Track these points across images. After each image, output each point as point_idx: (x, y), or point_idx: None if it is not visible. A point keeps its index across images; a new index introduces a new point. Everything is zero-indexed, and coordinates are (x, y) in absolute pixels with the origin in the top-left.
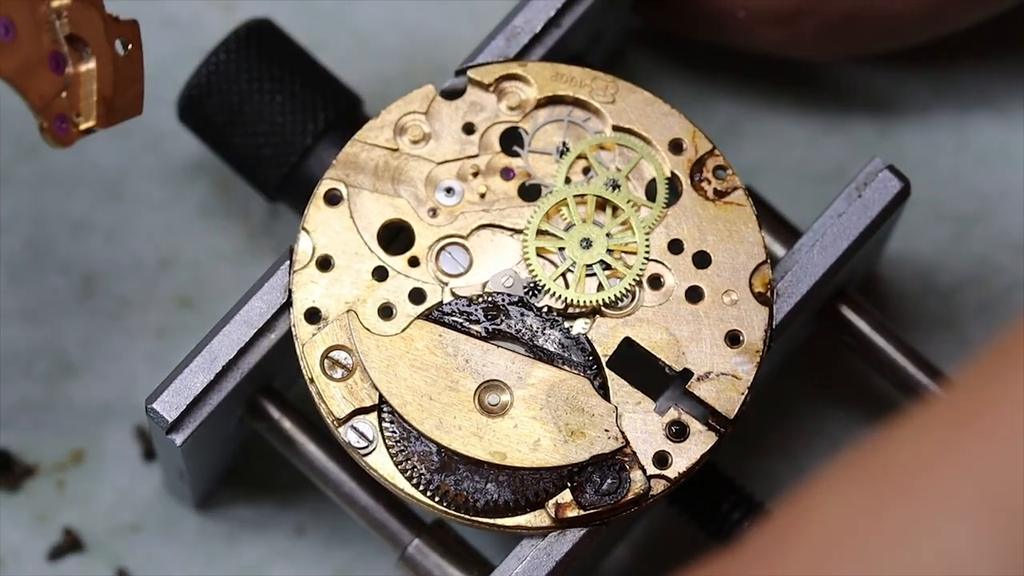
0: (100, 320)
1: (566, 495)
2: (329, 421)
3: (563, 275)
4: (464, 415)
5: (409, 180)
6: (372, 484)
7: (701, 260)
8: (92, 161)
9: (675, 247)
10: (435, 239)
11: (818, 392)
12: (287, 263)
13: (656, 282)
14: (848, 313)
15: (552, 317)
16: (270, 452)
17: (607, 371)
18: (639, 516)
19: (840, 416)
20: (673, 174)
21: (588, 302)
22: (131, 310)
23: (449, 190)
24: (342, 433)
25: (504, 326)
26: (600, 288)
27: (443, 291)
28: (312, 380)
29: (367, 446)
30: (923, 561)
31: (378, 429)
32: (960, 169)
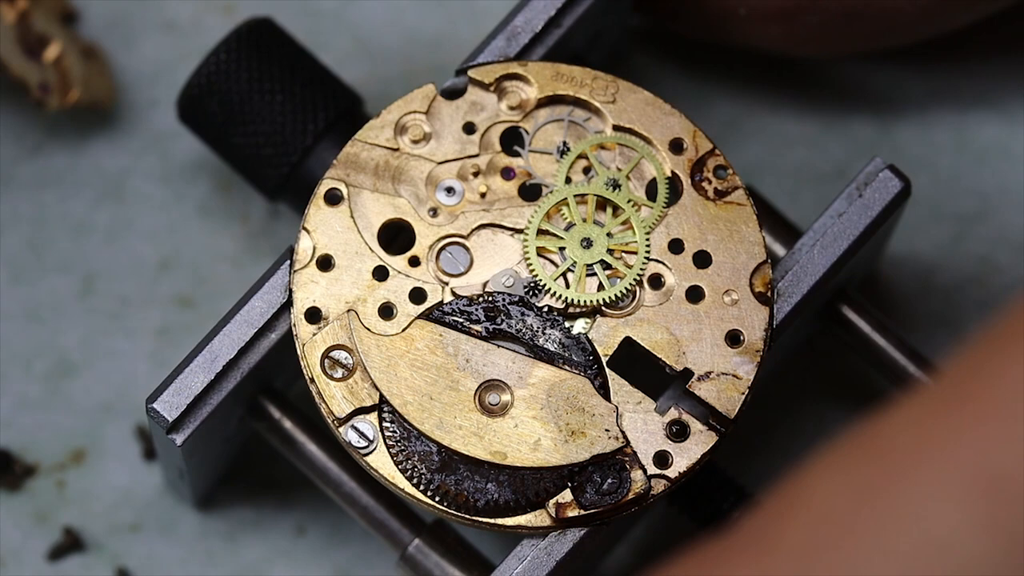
0: (100, 320)
1: (566, 495)
2: (330, 421)
3: (563, 275)
4: (464, 415)
5: (410, 180)
6: (372, 484)
7: (702, 260)
8: (92, 161)
9: (675, 247)
10: (436, 239)
11: (818, 392)
12: (287, 263)
13: (657, 282)
14: (848, 313)
15: (552, 317)
16: (270, 452)
17: (608, 371)
18: (639, 516)
19: (840, 416)
20: (674, 174)
21: (589, 302)
22: (131, 310)
23: (450, 190)
24: (342, 433)
25: (504, 326)
26: (601, 288)
27: (443, 291)
28: (312, 380)
29: (367, 446)
30: (915, 546)
31: (378, 429)
32: (960, 169)
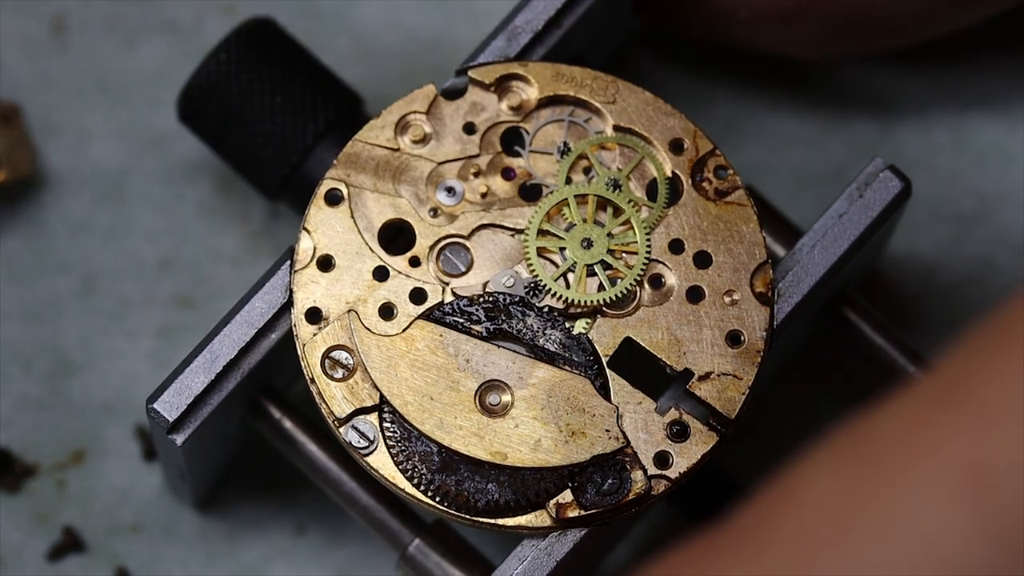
0: (100, 320)
1: (567, 495)
2: (330, 421)
3: (564, 275)
4: (465, 415)
5: (410, 180)
6: (372, 484)
7: (702, 260)
8: (92, 161)
9: (676, 247)
10: (436, 239)
11: (818, 392)
12: (288, 263)
13: (657, 282)
14: (849, 313)
15: (553, 317)
16: (270, 452)
17: (608, 371)
18: (640, 516)
19: (840, 416)
20: (674, 174)
21: (589, 302)
22: (131, 310)
23: (450, 190)
24: (343, 433)
25: (505, 326)
26: (601, 288)
27: (444, 291)
28: (313, 380)
29: (368, 446)
30: (906, 542)
31: (379, 429)
32: (960, 169)
